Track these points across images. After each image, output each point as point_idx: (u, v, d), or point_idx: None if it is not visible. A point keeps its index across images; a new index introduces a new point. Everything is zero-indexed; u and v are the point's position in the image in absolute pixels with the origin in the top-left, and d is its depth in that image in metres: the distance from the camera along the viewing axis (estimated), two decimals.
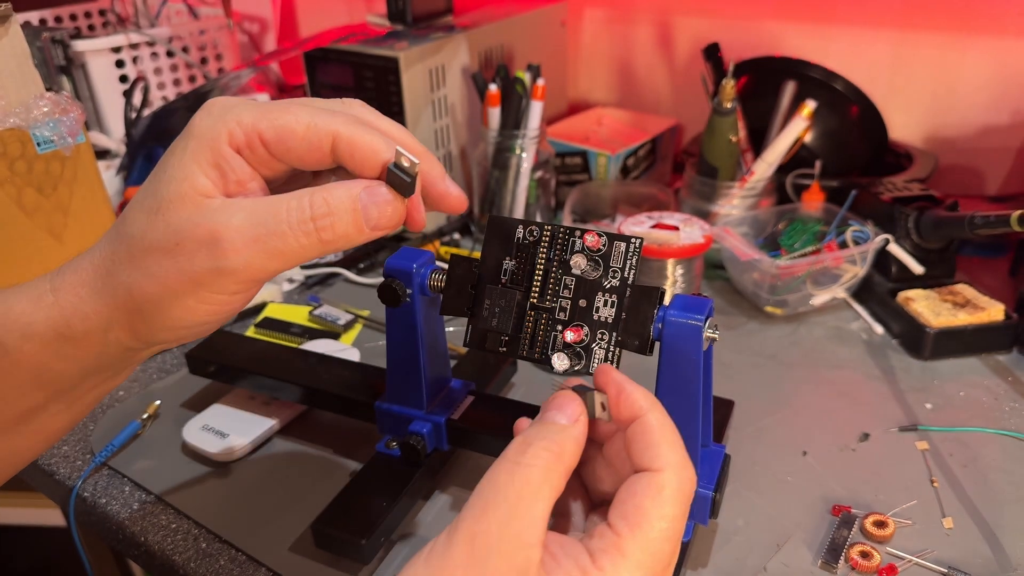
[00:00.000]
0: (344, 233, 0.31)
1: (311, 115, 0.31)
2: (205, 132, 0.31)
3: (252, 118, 0.31)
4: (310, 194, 0.31)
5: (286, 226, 0.30)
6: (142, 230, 0.31)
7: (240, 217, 0.30)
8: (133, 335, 0.33)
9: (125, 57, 1.04)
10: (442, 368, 0.50)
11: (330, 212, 0.31)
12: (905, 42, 0.87)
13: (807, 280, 0.67)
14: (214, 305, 0.32)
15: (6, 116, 0.63)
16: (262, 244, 0.30)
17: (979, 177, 0.88)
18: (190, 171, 0.31)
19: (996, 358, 0.62)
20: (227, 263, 0.30)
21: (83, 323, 0.32)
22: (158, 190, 0.31)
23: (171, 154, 0.32)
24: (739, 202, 0.76)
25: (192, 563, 0.46)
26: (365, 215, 0.32)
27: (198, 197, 0.31)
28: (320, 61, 0.81)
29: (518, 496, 0.28)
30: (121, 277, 0.32)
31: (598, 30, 1.08)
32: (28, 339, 0.33)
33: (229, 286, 0.31)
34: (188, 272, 0.31)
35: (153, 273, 0.31)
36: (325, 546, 0.45)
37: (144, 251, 0.31)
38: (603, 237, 0.39)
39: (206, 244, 0.30)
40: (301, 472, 0.53)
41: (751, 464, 0.52)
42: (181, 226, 0.30)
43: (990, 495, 0.49)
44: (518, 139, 0.78)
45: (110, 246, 0.32)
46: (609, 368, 0.33)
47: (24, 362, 0.33)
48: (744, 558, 0.45)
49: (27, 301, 0.33)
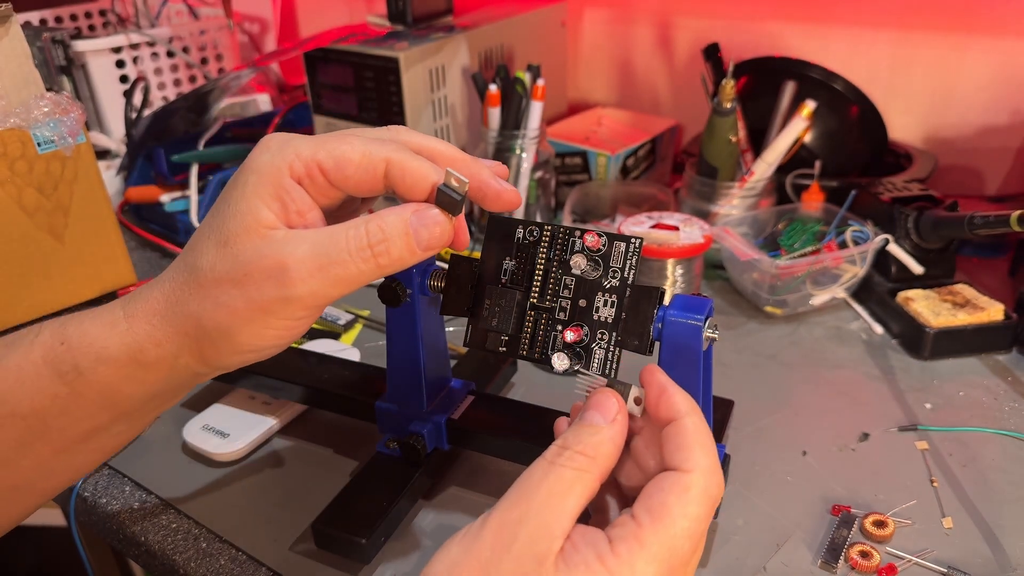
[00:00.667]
0: (399, 256, 0.33)
1: (365, 144, 0.33)
2: (265, 167, 0.33)
3: (310, 150, 0.33)
4: (365, 222, 0.33)
5: (346, 254, 0.32)
6: (211, 262, 0.33)
7: (304, 248, 0.32)
8: (202, 360, 0.35)
9: (125, 57, 1.04)
10: (442, 368, 0.50)
11: (385, 238, 0.33)
12: (905, 42, 0.87)
13: (807, 280, 0.67)
14: (280, 330, 0.34)
15: (6, 116, 0.63)
16: (325, 272, 0.32)
17: (978, 177, 0.89)
18: (253, 205, 0.33)
19: (996, 358, 0.62)
20: (294, 291, 0.32)
21: (156, 349, 0.34)
22: (224, 224, 0.33)
23: (233, 188, 0.34)
24: (739, 202, 0.76)
25: (192, 563, 0.46)
26: (417, 237, 0.33)
27: (263, 229, 0.32)
28: (320, 61, 0.81)
29: (549, 492, 0.30)
30: (191, 307, 0.33)
31: (598, 30, 1.08)
32: (103, 362, 0.34)
33: (295, 312, 0.33)
34: (257, 301, 0.32)
35: (223, 303, 0.33)
36: (325, 546, 0.45)
37: (214, 282, 0.33)
38: (603, 237, 0.39)
39: (273, 275, 0.32)
40: (301, 472, 0.53)
41: (751, 464, 0.52)
42: (248, 258, 0.32)
43: (990, 495, 0.49)
44: (518, 139, 0.78)
45: (179, 276, 0.34)
46: (656, 368, 0.34)
47: (97, 384, 0.35)
48: (744, 558, 0.45)
49: (101, 326, 0.35)
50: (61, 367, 0.35)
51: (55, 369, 0.35)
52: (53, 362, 0.35)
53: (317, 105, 0.84)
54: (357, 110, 0.81)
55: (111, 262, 0.73)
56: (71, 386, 0.35)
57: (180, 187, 0.86)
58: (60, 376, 0.35)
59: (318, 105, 0.84)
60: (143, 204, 0.87)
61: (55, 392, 0.35)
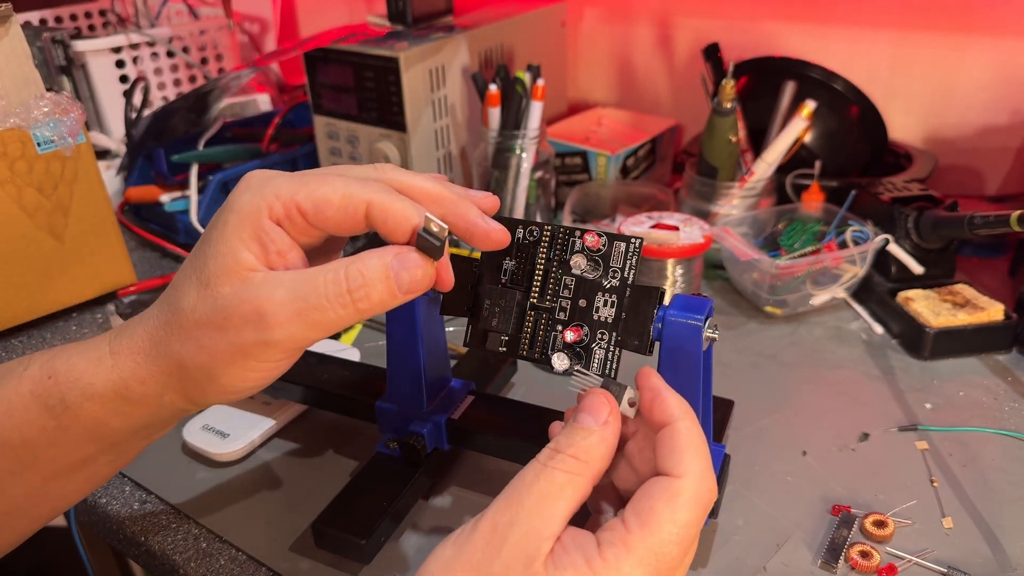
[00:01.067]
0: (379, 301, 0.33)
1: (346, 185, 0.33)
2: (245, 207, 0.33)
3: (289, 191, 0.33)
4: (345, 266, 0.32)
5: (324, 300, 0.32)
6: (192, 304, 0.33)
7: (281, 292, 0.32)
8: (186, 398, 0.35)
9: (125, 57, 1.04)
10: (442, 368, 0.50)
11: (365, 283, 0.32)
12: (905, 42, 0.87)
13: (807, 280, 0.67)
14: (260, 372, 0.34)
15: (6, 116, 0.63)
16: (303, 317, 0.32)
17: (978, 177, 0.89)
18: (233, 246, 0.32)
19: (996, 358, 0.62)
20: (272, 336, 0.32)
21: (141, 386, 0.35)
22: (205, 265, 0.33)
23: (213, 228, 0.34)
24: (739, 202, 0.76)
25: (192, 563, 0.46)
26: (397, 281, 0.33)
27: (243, 271, 0.32)
28: (320, 61, 0.81)
29: (540, 495, 0.30)
30: (174, 347, 0.34)
31: (598, 30, 1.08)
32: (89, 398, 0.35)
33: (274, 355, 0.33)
34: (237, 344, 0.32)
35: (204, 345, 0.33)
36: (325, 546, 0.45)
37: (195, 324, 0.33)
38: (603, 237, 0.39)
39: (252, 320, 0.32)
40: (301, 472, 0.53)
41: (751, 464, 0.52)
42: (228, 303, 0.32)
43: (990, 495, 0.49)
44: (518, 139, 0.78)
45: (162, 316, 0.35)
46: (651, 372, 0.34)
47: (83, 418, 0.35)
48: (744, 558, 0.45)
49: (87, 362, 0.35)
50: (49, 400, 0.35)
51: (43, 402, 0.35)
52: (41, 395, 0.35)
53: (317, 105, 0.84)
54: (357, 110, 0.81)
55: (111, 262, 0.73)
56: (58, 419, 0.35)
57: (180, 187, 0.86)
58: (48, 409, 0.35)
59: (318, 105, 0.84)
60: (143, 204, 0.87)
61: (43, 424, 0.35)
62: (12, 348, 0.69)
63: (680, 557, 0.30)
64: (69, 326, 0.72)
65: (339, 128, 0.83)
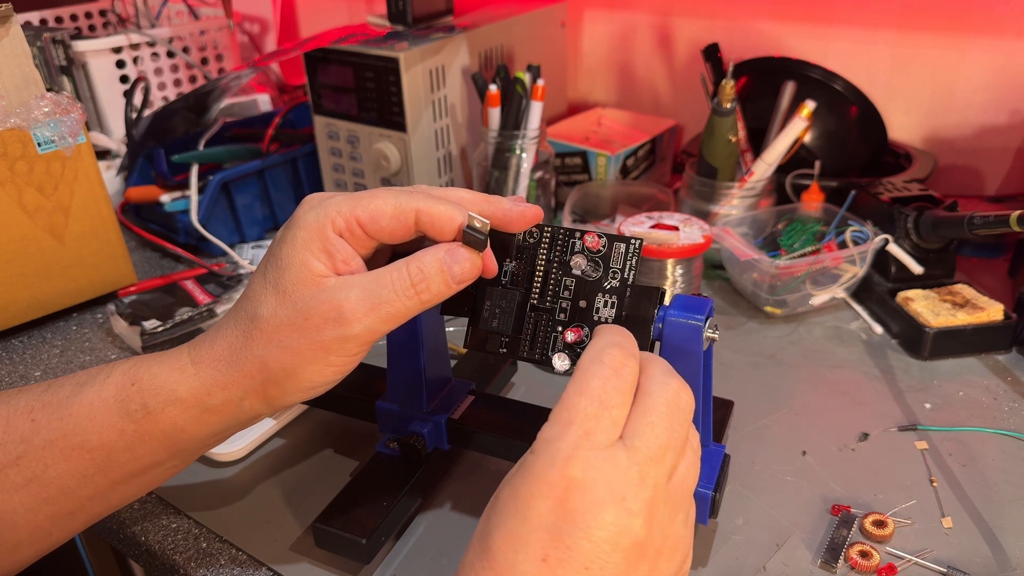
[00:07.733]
0: (438, 291, 0.37)
1: (395, 196, 0.37)
2: (311, 223, 0.37)
3: (348, 206, 0.37)
4: (406, 265, 0.37)
5: (393, 294, 0.36)
6: (272, 311, 0.37)
7: (355, 292, 0.36)
8: (265, 401, 0.38)
9: (126, 57, 1.04)
10: (442, 368, 0.50)
11: (425, 277, 0.37)
12: (905, 42, 0.87)
13: (806, 280, 0.67)
14: (338, 366, 0.37)
15: (7, 116, 0.63)
16: (377, 311, 0.36)
17: (978, 177, 0.89)
18: (304, 258, 0.36)
19: (995, 358, 0.62)
20: (351, 330, 0.36)
21: (223, 392, 0.38)
22: (280, 276, 0.37)
23: (282, 243, 0.37)
24: (739, 202, 0.76)
25: (192, 563, 0.46)
26: (451, 273, 0.37)
27: (316, 278, 0.36)
28: (320, 62, 0.81)
29: None
30: (255, 351, 0.37)
31: (598, 30, 1.08)
32: (172, 403, 0.37)
33: (352, 349, 0.37)
34: (317, 341, 0.36)
35: (287, 345, 0.36)
36: (325, 546, 0.45)
37: (275, 328, 0.37)
38: (603, 238, 0.39)
39: (332, 318, 0.36)
40: (301, 472, 0.53)
41: (751, 464, 0.52)
42: (307, 304, 0.36)
43: (989, 495, 0.49)
44: (518, 139, 0.78)
45: (240, 325, 0.38)
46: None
47: (163, 423, 0.38)
48: (743, 557, 0.45)
49: (169, 370, 0.38)
50: (130, 406, 0.37)
51: (124, 407, 0.37)
52: (123, 400, 0.38)
53: (317, 105, 0.84)
54: (357, 110, 0.81)
55: (111, 262, 0.73)
56: (138, 424, 0.37)
57: (180, 187, 0.86)
58: (128, 415, 0.37)
59: (318, 105, 0.84)
60: (143, 204, 0.87)
61: (122, 428, 0.37)
62: (12, 348, 0.69)
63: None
64: (69, 326, 0.72)
65: (339, 128, 0.83)
